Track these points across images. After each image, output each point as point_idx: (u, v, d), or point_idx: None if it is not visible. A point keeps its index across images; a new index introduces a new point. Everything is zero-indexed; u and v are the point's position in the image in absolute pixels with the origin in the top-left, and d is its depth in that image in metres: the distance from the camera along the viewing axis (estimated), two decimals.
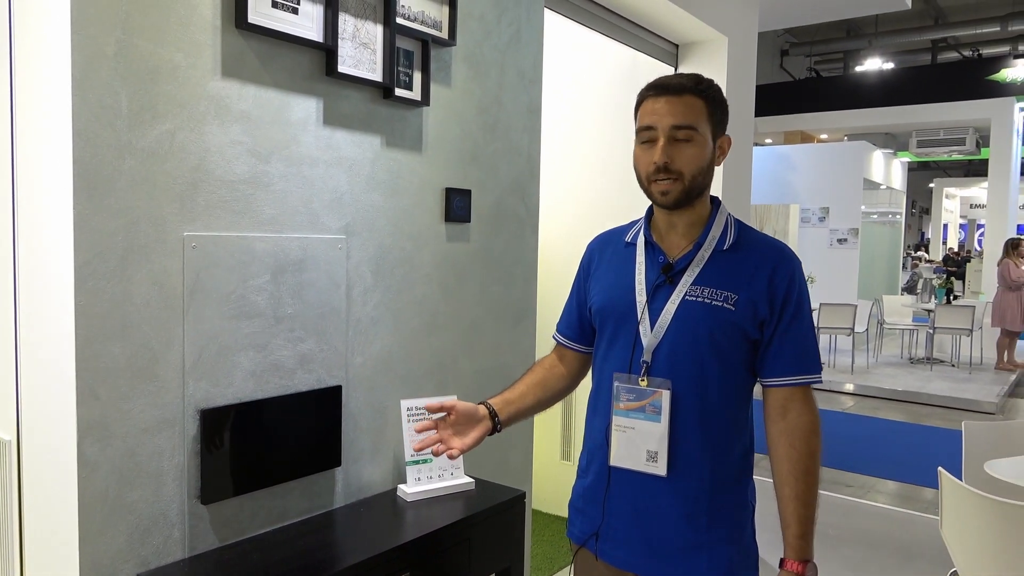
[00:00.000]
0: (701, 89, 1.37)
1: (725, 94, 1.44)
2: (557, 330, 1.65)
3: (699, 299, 1.37)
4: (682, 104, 1.35)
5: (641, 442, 1.39)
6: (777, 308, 1.37)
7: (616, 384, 1.42)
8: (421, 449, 1.48)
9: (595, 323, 1.52)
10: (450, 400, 1.50)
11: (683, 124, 1.35)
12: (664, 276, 1.40)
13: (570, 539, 1.57)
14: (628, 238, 1.51)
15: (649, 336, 1.39)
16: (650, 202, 1.44)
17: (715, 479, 1.39)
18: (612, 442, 1.43)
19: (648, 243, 1.45)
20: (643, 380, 1.39)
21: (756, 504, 1.47)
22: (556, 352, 1.65)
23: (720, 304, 1.36)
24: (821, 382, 1.40)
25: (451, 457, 1.45)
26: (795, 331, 1.38)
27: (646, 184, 1.39)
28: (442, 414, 1.46)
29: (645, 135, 1.38)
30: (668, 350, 1.38)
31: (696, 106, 1.36)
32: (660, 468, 1.38)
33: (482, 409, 1.52)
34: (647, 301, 1.40)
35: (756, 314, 1.36)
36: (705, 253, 1.40)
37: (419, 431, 1.46)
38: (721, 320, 1.35)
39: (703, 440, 1.38)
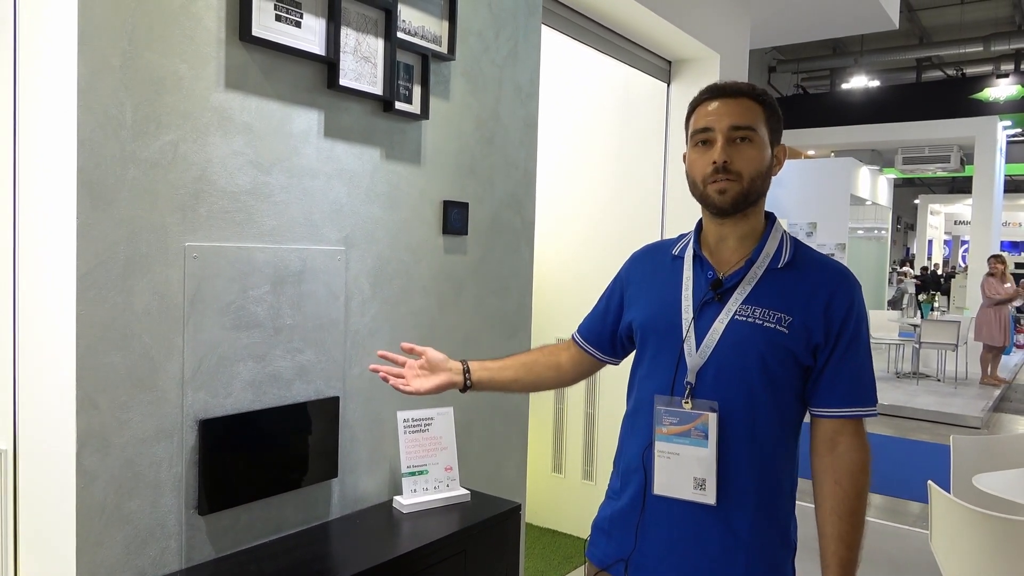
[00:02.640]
0: (757, 94, 1.33)
1: None
2: (578, 330, 1.59)
3: (750, 319, 1.28)
4: (740, 106, 1.31)
5: (687, 469, 1.30)
6: (833, 335, 1.28)
7: (658, 407, 1.33)
8: (376, 371, 1.51)
9: (635, 339, 1.45)
10: (424, 348, 1.54)
11: (742, 124, 1.29)
12: (713, 293, 1.32)
13: (589, 559, 1.48)
14: (676, 251, 1.43)
15: (694, 356, 1.30)
16: (697, 213, 1.38)
17: (759, 513, 1.30)
18: (656, 469, 1.34)
19: (697, 257, 1.37)
20: (687, 402, 1.30)
21: (798, 544, 1.39)
22: (569, 347, 1.60)
23: (773, 326, 1.27)
24: (876, 416, 1.32)
25: (401, 389, 1.47)
26: (851, 360, 1.29)
27: (701, 187, 1.32)
28: (414, 358, 1.49)
29: (700, 137, 1.32)
30: (715, 372, 1.29)
31: (754, 109, 1.31)
32: (709, 496, 1.29)
33: (456, 363, 1.54)
34: (693, 319, 1.32)
35: (810, 340, 1.28)
36: (758, 270, 1.32)
37: (380, 356, 1.50)
38: (773, 343, 1.27)
39: (751, 469, 1.29)
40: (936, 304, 10.15)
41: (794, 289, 1.30)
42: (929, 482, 2.42)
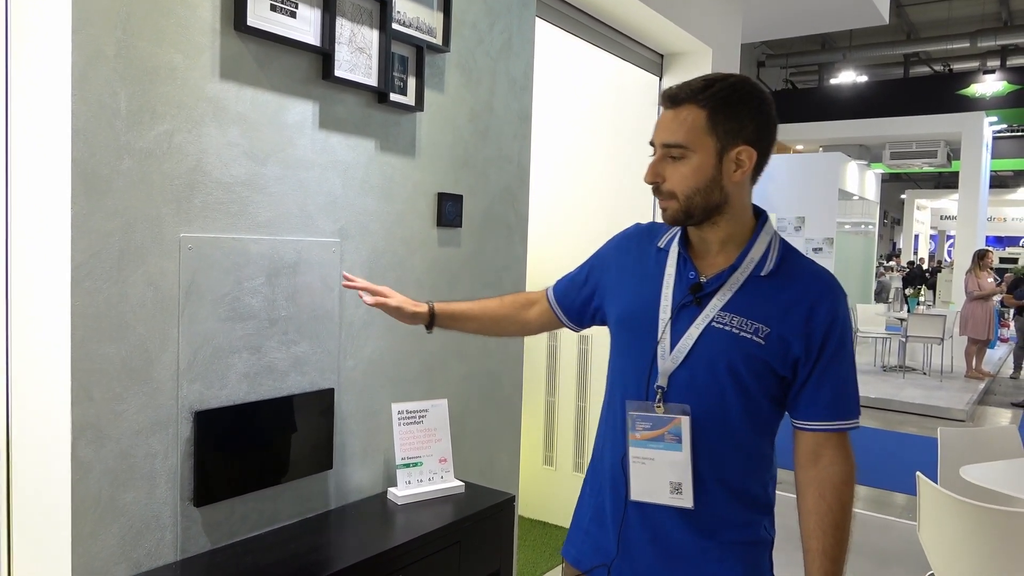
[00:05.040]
0: (703, 98, 1.24)
1: None
2: (553, 289, 1.57)
3: (726, 327, 1.25)
4: (676, 119, 1.25)
5: (662, 473, 1.29)
6: (815, 348, 1.25)
7: (630, 413, 1.31)
8: (351, 285, 1.60)
9: (610, 330, 1.42)
10: (389, 291, 1.62)
11: (671, 143, 1.25)
12: (692, 296, 1.29)
13: (564, 558, 1.47)
14: (661, 243, 1.38)
15: (667, 360, 1.28)
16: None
17: (736, 513, 1.30)
18: (631, 475, 1.32)
19: (681, 255, 1.33)
20: (659, 407, 1.28)
21: (775, 535, 1.38)
22: (540, 301, 1.58)
23: (749, 336, 1.24)
24: (858, 428, 1.29)
25: (362, 294, 1.57)
26: (833, 373, 1.26)
27: None
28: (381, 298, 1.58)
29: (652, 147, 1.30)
30: (687, 378, 1.27)
31: (690, 119, 1.23)
32: (686, 500, 1.28)
33: (422, 306, 1.60)
34: (671, 320, 1.29)
35: (788, 352, 1.25)
36: (740, 276, 1.27)
37: (345, 275, 1.61)
38: (747, 354, 1.24)
39: (723, 473, 1.29)
40: (922, 298, 10.24)
41: (775, 299, 1.26)
42: (917, 473, 2.44)
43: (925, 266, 19.26)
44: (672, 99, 1.27)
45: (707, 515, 1.29)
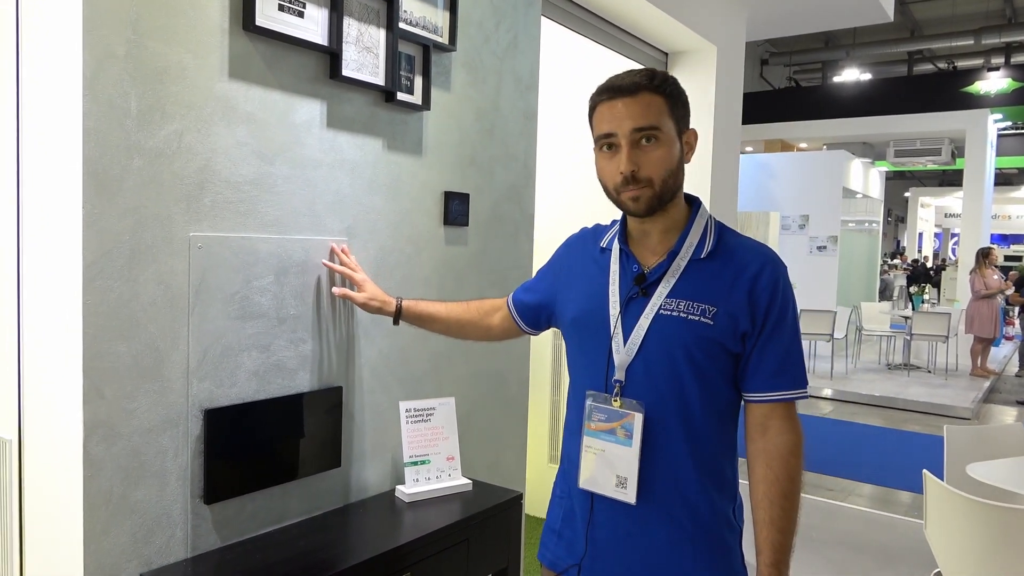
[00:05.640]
0: (656, 85, 1.27)
1: (714, 103, 1.42)
2: (513, 297, 1.63)
3: (674, 313, 1.27)
4: (640, 104, 1.26)
5: (611, 466, 1.31)
6: (759, 319, 1.27)
7: (588, 402, 1.34)
8: (329, 265, 1.76)
9: (565, 334, 1.45)
10: (363, 280, 1.76)
11: (644, 126, 1.25)
12: (637, 288, 1.31)
13: (541, 562, 1.49)
14: (604, 243, 1.41)
15: (622, 353, 1.30)
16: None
17: (700, 503, 1.31)
18: (582, 463, 1.34)
19: (623, 251, 1.37)
20: (615, 400, 1.30)
21: (744, 523, 1.40)
22: (501, 308, 1.65)
23: (697, 319, 1.26)
24: (806, 397, 1.31)
25: (334, 291, 1.75)
26: (776, 342, 1.28)
27: (615, 195, 1.31)
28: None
29: (605, 142, 1.29)
30: (643, 368, 1.29)
31: (655, 104, 1.26)
32: (629, 495, 1.29)
33: (390, 303, 1.72)
34: (620, 314, 1.31)
35: (737, 328, 1.27)
36: (681, 262, 1.30)
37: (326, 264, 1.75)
38: (699, 336, 1.26)
39: (686, 462, 1.30)
40: (926, 296, 10.22)
41: (717, 278, 1.28)
42: (924, 471, 2.45)
43: (929, 264, 19.22)
44: (628, 89, 1.27)
45: (672, 506, 1.31)
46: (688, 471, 1.30)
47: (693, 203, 1.37)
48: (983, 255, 9.01)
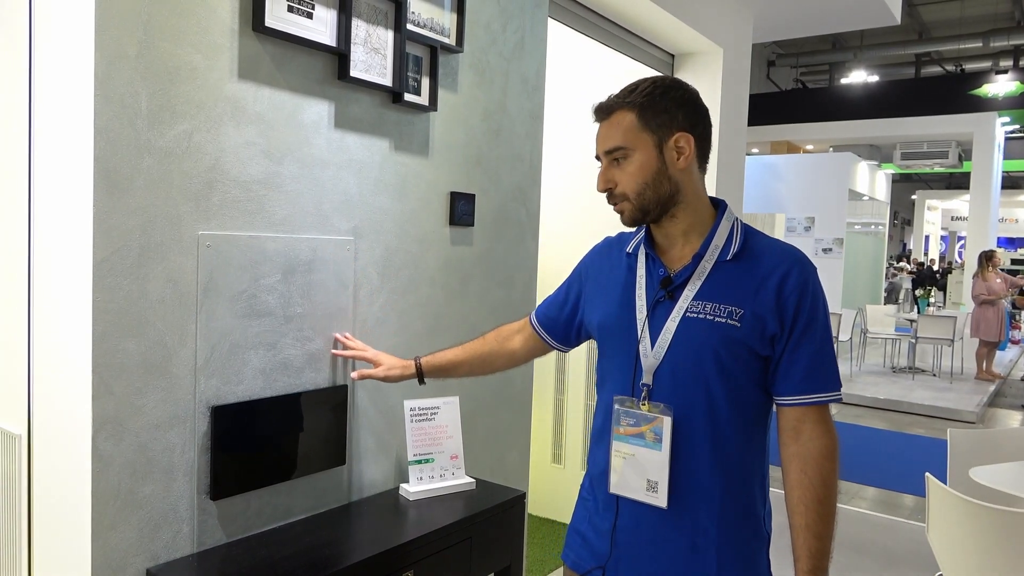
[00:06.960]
0: (629, 101, 1.31)
1: (719, 104, 1.43)
2: (535, 314, 1.62)
3: (701, 315, 1.28)
4: (609, 126, 1.32)
5: (641, 470, 1.31)
6: (788, 321, 1.26)
7: (616, 407, 1.34)
8: (342, 355, 1.81)
9: (595, 339, 1.46)
10: (375, 356, 1.79)
11: (611, 148, 1.32)
12: (663, 291, 1.32)
13: (564, 562, 1.49)
14: (629, 248, 1.43)
15: (649, 357, 1.30)
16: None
17: (726, 509, 1.30)
18: (612, 468, 1.35)
19: (648, 255, 1.38)
20: (643, 404, 1.30)
21: (772, 531, 1.39)
22: (523, 329, 1.64)
23: (724, 321, 1.26)
24: (840, 400, 1.29)
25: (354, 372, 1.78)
26: (807, 344, 1.27)
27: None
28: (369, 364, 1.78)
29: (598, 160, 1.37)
30: (670, 371, 1.29)
31: (623, 121, 1.31)
32: (660, 499, 1.29)
33: (409, 367, 1.73)
34: (647, 318, 1.32)
35: (765, 330, 1.26)
36: (707, 264, 1.31)
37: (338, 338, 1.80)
38: (725, 338, 1.26)
39: (714, 467, 1.29)
40: (932, 299, 10.20)
41: (744, 280, 1.28)
42: (927, 474, 2.45)
43: (935, 267, 19.16)
44: (603, 111, 1.34)
45: (698, 512, 1.30)
46: (715, 476, 1.29)
47: (719, 206, 1.38)
48: (986, 258, 8.96)
